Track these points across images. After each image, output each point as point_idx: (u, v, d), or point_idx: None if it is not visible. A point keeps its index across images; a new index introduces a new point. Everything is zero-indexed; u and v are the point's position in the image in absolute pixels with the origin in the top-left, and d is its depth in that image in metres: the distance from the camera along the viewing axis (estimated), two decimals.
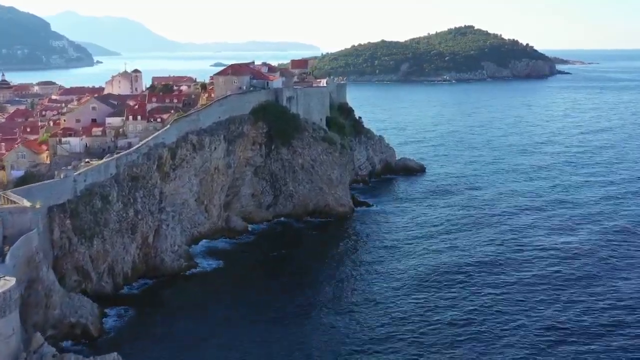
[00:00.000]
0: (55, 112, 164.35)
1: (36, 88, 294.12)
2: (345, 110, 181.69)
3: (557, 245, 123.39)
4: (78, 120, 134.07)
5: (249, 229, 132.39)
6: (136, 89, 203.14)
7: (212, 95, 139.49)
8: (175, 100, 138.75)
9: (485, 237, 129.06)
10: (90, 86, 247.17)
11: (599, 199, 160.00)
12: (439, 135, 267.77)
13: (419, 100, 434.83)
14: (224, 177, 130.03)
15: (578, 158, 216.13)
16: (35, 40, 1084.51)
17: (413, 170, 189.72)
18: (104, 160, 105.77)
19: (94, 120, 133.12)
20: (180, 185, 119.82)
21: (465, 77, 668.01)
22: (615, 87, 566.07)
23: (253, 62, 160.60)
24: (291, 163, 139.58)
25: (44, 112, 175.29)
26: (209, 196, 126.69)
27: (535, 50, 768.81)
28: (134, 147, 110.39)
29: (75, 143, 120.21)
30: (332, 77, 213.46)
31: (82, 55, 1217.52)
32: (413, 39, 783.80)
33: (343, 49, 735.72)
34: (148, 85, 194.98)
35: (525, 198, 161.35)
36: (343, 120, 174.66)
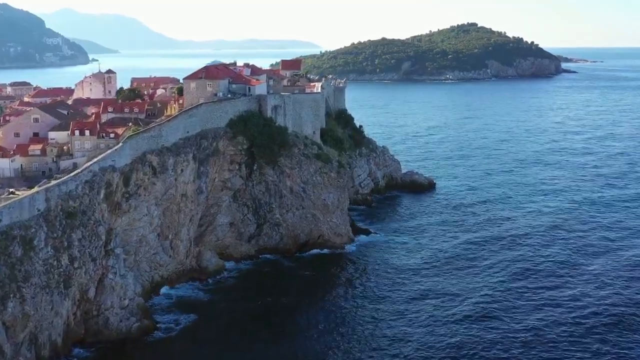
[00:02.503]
0: None
1: (9, 89, 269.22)
2: (343, 119, 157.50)
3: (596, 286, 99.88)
4: (17, 135, 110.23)
5: (226, 267, 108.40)
6: (109, 92, 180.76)
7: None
8: (136, 110, 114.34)
9: (510, 272, 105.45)
10: (66, 87, 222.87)
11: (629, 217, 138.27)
12: (446, 142, 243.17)
13: (422, 101, 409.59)
14: (194, 205, 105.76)
15: (601, 167, 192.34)
16: (29, 38, 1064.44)
17: (421, 187, 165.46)
18: (29, 192, 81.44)
19: (36, 135, 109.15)
20: (136, 219, 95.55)
21: (468, 76, 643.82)
22: (628, 86, 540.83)
23: (234, 63, 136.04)
24: (278, 186, 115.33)
25: (8, 118, 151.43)
26: (174, 229, 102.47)
27: (541, 49, 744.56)
28: (71, 174, 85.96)
29: (4, 165, 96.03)
30: (329, 78, 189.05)
31: (76, 53, 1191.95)
32: (415, 37, 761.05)
33: (343, 47, 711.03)
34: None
35: (550, 217, 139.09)
36: (341, 130, 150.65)
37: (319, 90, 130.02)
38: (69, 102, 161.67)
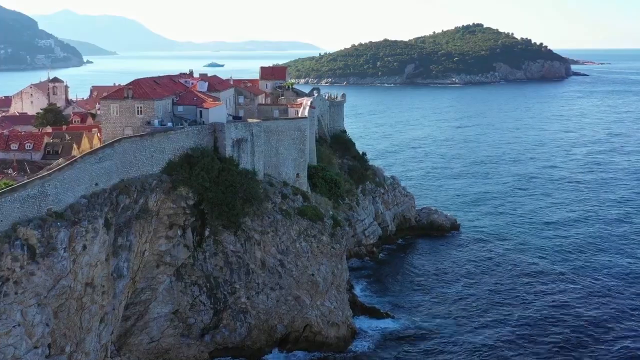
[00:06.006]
0: None
1: None
2: (342, 144, 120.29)
3: None
4: None
5: None
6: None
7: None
8: (29, 146, 76.90)
9: None
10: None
11: None
12: (465, 161, 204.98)
13: (429, 109, 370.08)
14: (108, 297, 68.37)
15: None
16: (21, 39, 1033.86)
17: (441, 229, 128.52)
18: None
19: None
20: (0, 332, 58.48)
21: (475, 79, 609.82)
22: None
23: (191, 73, 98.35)
24: (242, 258, 77.94)
25: None
26: (74, 338, 65.11)
27: (550, 50, 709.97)
28: None
29: None
30: (325, 84, 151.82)
31: (69, 55, 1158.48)
32: (418, 38, 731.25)
33: (343, 48, 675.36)
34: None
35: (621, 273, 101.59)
36: (339, 161, 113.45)
37: (306, 113, 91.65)
38: None
